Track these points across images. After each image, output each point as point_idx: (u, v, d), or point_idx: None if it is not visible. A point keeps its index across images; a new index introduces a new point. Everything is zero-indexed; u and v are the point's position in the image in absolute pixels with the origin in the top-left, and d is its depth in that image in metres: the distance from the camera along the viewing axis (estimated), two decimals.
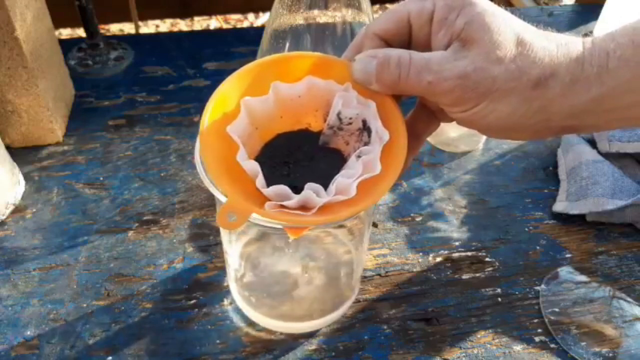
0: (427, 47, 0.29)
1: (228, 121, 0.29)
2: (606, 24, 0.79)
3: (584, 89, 0.26)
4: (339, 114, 0.30)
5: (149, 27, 1.69)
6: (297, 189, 0.28)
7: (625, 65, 0.25)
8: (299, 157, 0.31)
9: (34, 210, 0.52)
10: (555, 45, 0.26)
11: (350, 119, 0.30)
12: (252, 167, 0.28)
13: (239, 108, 0.29)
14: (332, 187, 0.28)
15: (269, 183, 0.28)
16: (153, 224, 0.51)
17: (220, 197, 0.33)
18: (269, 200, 0.28)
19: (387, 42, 0.29)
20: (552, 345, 0.44)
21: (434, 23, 0.28)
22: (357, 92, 0.29)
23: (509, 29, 0.26)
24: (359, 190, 0.28)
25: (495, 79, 0.26)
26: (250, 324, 0.44)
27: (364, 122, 0.30)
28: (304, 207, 0.28)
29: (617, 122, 0.28)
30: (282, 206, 0.28)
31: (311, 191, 0.27)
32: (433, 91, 0.27)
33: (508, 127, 0.28)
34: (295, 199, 0.27)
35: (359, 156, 0.29)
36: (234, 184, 0.28)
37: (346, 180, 0.28)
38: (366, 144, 0.30)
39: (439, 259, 0.50)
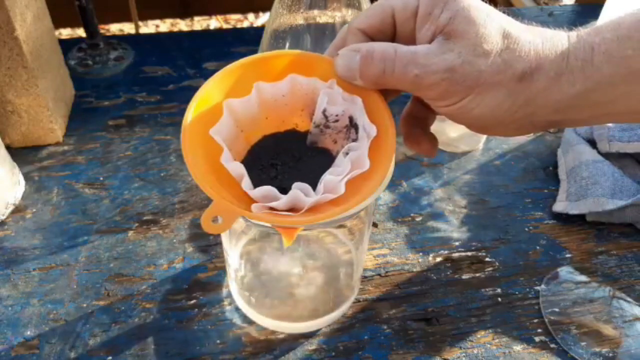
0: (411, 42, 0.28)
1: (212, 123, 0.28)
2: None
3: (568, 83, 0.26)
4: (324, 112, 0.29)
5: (149, 27, 1.69)
6: (286, 191, 0.28)
7: (610, 60, 0.25)
8: (286, 158, 0.31)
9: (34, 210, 0.52)
10: (540, 40, 0.27)
11: (337, 116, 0.30)
12: (237, 168, 0.27)
13: (222, 110, 0.29)
14: (320, 186, 0.28)
15: (256, 186, 0.28)
16: (153, 224, 0.51)
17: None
18: (256, 202, 0.28)
19: (371, 38, 0.29)
20: (552, 345, 0.44)
21: (418, 17, 0.28)
22: (342, 89, 0.29)
23: (495, 23, 0.26)
24: (349, 189, 0.27)
25: (481, 72, 0.26)
26: (250, 324, 0.44)
27: (351, 118, 0.29)
28: (293, 209, 0.28)
29: (603, 117, 0.28)
30: (271, 208, 0.28)
31: (299, 190, 0.27)
32: (420, 84, 0.27)
33: (492, 122, 0.28)
34: (283, 200, 0.27)
35: (346, 153, 0.29)
36: (219, 187, 0.28)
37: (334, 178, 0.27)
38: (354, 141, 0.29)
39: (439, 259, 0.50)
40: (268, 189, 0.27)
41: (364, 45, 0.28)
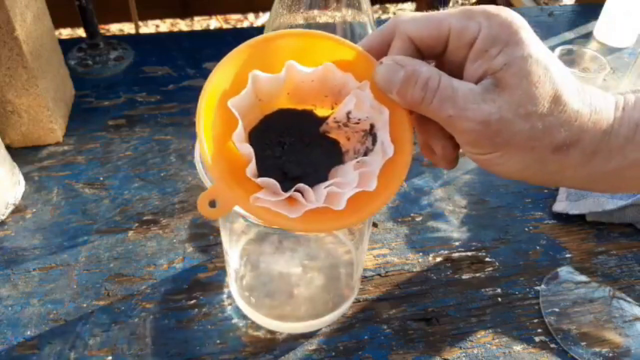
0: (457, 68, 0.27)
1: (231, 95, 0.27)
2: (606, 24, 0.79)
3: (604, 160, 0.25)
4: (348, 113, 0.29)
5: (149, 27, 1.69)
6: (287, 176, 0.28)
7: None
8: (295, 139, 0.30)
9: (34, 210, 0.52)
10: (588, 110, 0.25)
11: (359, 119, 0.29)
12: (248, 151, 0.27)
13: (244, 82, 0.27)
14: (323, 196, 0.27)
15: (259, 164, 0.27)
16: (153, 224, 0.51)
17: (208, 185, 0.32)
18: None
19: (417, 48, 0.27)
20: (552, 345, 0.44)
21: (473, 50, 0.26)
22: (372, 94, 0.28)
23: (548, 82, 0.24)
24: (350, 201, 0.27)
25: (516, 134, 0.25)
26: (250, 324, 0.44)
27: (372, 126, 0.29)
28: (292, 198, 0.28)
29: (632, 188, 0.28)
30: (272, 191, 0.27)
31: (300, 194, 0.27)
32: (451, 126, 0.26)
33: (517, 178, 0.27)
34: (283, 197, 0.27)
35: (357, 161, 0.28)
36: (226, 165, 0.27)
37: (338, 191, 0.27)
38: (368, 149, 0.29)
39: (439, 259, 0.50)
40: (271, 183, 0.27)
41: (410, 63, 0.26)
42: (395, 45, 0.28)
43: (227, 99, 0.27)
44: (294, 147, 0.30)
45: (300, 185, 0.27)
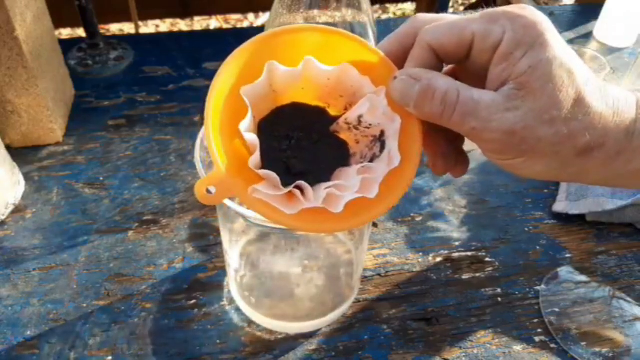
0: (482, 71, 0.27)
1: (244, 83, 0.27)
2: (606, 24, 0.79)
3: (626, 160, 0.25)
4: (360, 117, 0.29)
5: (149, 27, 1.70)
6: (289, 171, 0.27)
7: None
8: (303, 135, 0.30)
9: (34, 210, 0.52)
10: (612, 112, 0.25)
11: (370, 124, 0.29)
12: (253, 140, 0.27)
13: (256, 75, 0.27)
14: (322, 197, 0.27)
15: (263, 155, 0.27)
16: (153, 224, 0.51)
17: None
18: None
19: (438, 57, 0.27)
20: (552, 345, 0.44)
21: (497, 54, 0.25)
22: (386, 102, 0.28)
23: (572, 85, 0.24)
24: (349, 206, 0.27)
25: (541, 140, 0.25)
26: (250, 324, 0.44)
27: (382, 133, 0.29)
28: (291, 196, 0.28)
29: None
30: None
31: (299, 192, 0.27)
32: (475, 137, 0.26)
33: (538, 178, 0.28)
34: (282, 192, 0.27)
35: (362, 167, 0.28)
36: (231, 158, 0.27)
37: (338, 194, 0.27)
38: (375, 155, 0.29)
39: (439, 259, 0.50)
40: (272, 175, 0.27)
41: (425, 76, 0.26)
42: (415, 54, 0.27)
43: (237, 93, 0.27)
44: (301, 142, 0.30)
45: (301, 182, 0.27)
